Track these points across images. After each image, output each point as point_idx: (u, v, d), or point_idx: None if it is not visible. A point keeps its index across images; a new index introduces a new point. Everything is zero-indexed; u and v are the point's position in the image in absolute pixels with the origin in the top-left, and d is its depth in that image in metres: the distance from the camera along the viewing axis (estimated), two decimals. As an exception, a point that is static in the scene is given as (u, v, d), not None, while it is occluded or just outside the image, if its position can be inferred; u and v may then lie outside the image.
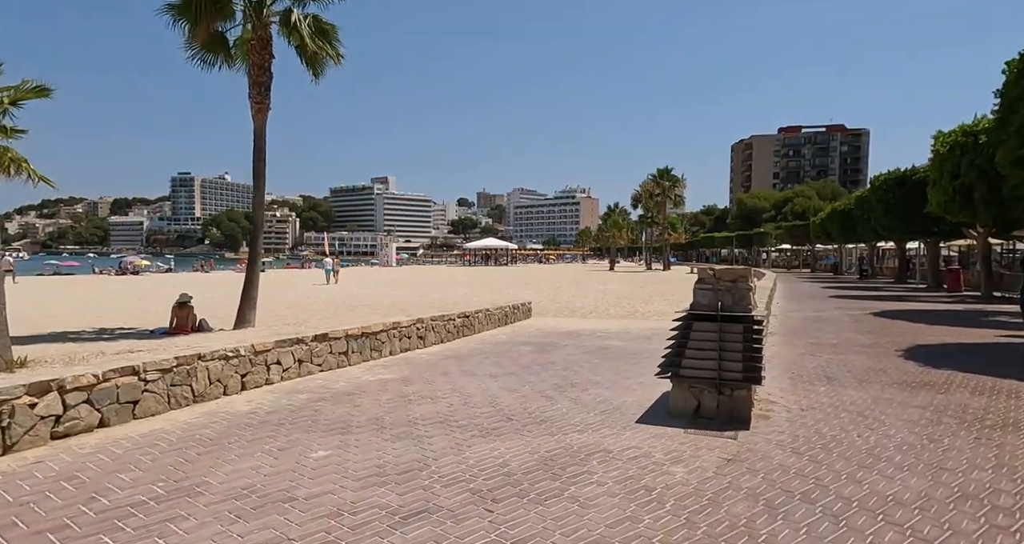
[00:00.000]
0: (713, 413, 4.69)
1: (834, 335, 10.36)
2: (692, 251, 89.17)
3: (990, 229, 17.67)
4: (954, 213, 14.78)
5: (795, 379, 6.55)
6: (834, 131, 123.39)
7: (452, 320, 9.54)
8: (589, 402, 5.26)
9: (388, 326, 7.41)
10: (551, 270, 57.97)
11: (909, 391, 5.94)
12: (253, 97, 11.48)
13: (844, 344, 9.26)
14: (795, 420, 4.77)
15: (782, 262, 61.07)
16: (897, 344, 9.23)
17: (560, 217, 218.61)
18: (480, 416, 4.58)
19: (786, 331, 10.97)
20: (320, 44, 11.57)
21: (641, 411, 4.97)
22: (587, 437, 4.16)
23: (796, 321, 12.68)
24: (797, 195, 79.44)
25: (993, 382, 6.36)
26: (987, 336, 10.20)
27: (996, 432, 4.50)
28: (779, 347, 8.99)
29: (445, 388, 5.58)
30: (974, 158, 13.45)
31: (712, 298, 4.76)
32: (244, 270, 45.59)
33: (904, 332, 10.69)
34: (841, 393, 5.83)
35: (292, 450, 3.59)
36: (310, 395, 5.04)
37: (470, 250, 77.15)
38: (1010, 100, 9.04)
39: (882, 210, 21.37)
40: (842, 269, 41.83)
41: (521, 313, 13.72)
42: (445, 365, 6.98)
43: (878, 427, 4.61)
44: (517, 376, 6.44)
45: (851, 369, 7.14)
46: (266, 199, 56.55)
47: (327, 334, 6.11)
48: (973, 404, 5.40)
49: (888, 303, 16.91)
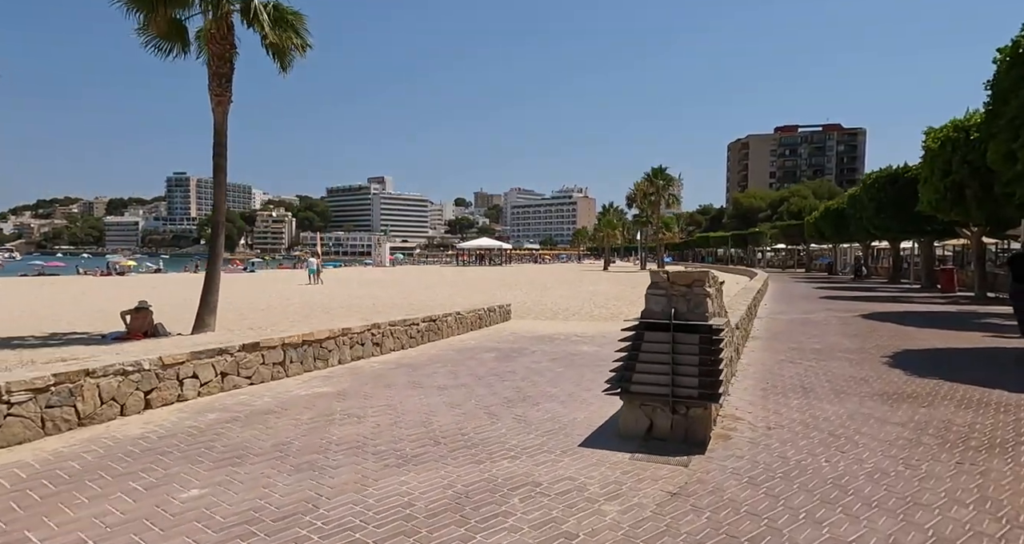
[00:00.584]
0: (667, 434, 4.20)
1: (818, 339, 9.90)
2: (688, 251, 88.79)
3: (983, 228, 17.23)
4: (946, 211, 14.31)
5: (768, 390, 6.06)
6: (830, 130, 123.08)
7: (415, 325, 9.04)
8: (535, 420, 4.77)
9: (336, 333, 6.91)
10: (545, 270, 57.49)
11: (889, 404, 5.46)
12: (213, 89, 10.97)
13: (827, 349, 8.79)
14: (758, 441, 4.29)
15: (777, 262, 60.69)
16: (883, 349, 8.76)
17: (557, 217, 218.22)
18: (405, 439, 4.09)
19: (769, 335, 10.50)
20: (283, 34, 11.07)
21: (590, 430, 4.48)
22: (518, 465, 3.67)
23: (781, 324, 12.21)
24: (793, 194, 79.06)
25: (981, 393, 5.89)
26: (978, 340, 9.75)
27: (981, 455, 4.02)
28: (759, 352, 8.52)
29: (380, 404, 5.08)
30: (966, 154, 12.97)
31: (665, 304, 4.27)
32: (235, 270, 45.00)
33: (892, 335, 10.23)
34: (815, 407, 5.35)
35: (161, 489, 3.07)
36: (222, 414, 4.53)
37: (464, 250, 76.56)
38: (1001, 91, 8.57)
39: (874, 209, 20.90)
40: (837, 269, 41.42)
41: (498, 316, 13.23)
42: (393, 376, 6.48)
43: (850, 449, 4.13)
44: (467, 388, 5.95)
45: (830, 378, 6.67)
46: (263, 199, 56.33)
47: (258, 343, 5.61)
48: (958, 420, 4.93)
49: (879, 304, 16.46)
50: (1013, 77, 8.12)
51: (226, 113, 11.15)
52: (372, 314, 15.96)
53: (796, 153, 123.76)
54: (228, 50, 10.99)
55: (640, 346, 4.27)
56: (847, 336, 10.20)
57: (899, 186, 19.45)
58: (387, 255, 74.91)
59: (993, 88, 9.19)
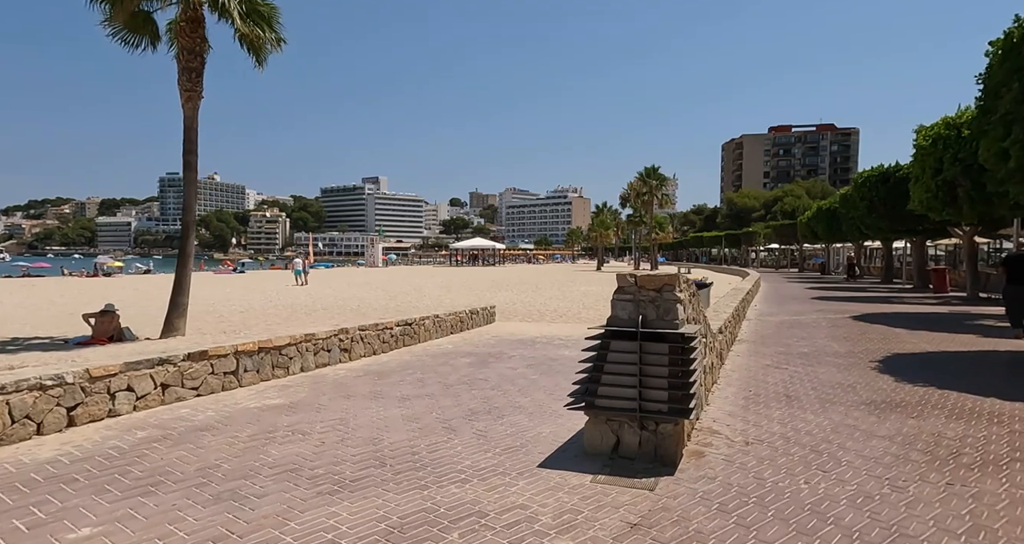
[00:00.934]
0: (634, 452, 3.87)
1: (807, 342, 9.61)
2: (682, 250, 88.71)
3: (976, 227, 17.02)
4: (937, 211, 14.05)
5: (750, 399, 5.75)
6: (824, 130, 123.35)
7: (388, 329, 8.68)
8: (497, 435, 4.43)
9: (298, 339, 6.55)
10: (538, 270, 57.18)
11: (877, 415, 5.15)
12: (183, 84, 10.57)
13: (816, 353, 8.50)
14: (734, 459, 3.96)
15: (771, 262, 60.60)
16: (873, 353, 8.47)
17: (552, 217, 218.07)
18: (348, 460, 3.73)
19: (757, 338, 10.21)
20: (255, 27, 10.69)
21: (554, 447, 4.14)
22: (467, 491, 3.33)
23: (770, 326, 11.92)
24: (787, 194, 79.03)
25: (973, 402, 5.59)
26: (970, 342, 9.47)
27: (972, 474, 3.71)
28: (744, 357, 8.21)
29: (332, 418, 4.73)
30: (957, 152, 12.70)
31: (632, 310, 3.94)
32: (225, 271, 44.29)
33: (882, 338, 9.95)
34: (798, 419, 5.03)
35: (47, 528, 2.69)
36: (153, 432, 4.17)
37: (457, 251, 76.13)
38: (994, 85, 8.26)
39: (865, 208, 20.66)
40: (829, 269, 41.29)
41: (482, 318, 12.89)
42: (356, 385, 6.13)
43: (832, 468, 3.81)
44: (432, 399, 5.60)
45: (816, 385, 6.36)
46: (256, 199, 55.77)
47: (206, 351, 5.24)
48: (948, 433, 4.62)
49: (871, 305, 16.21)
50: (1006, 70, 7.83)
51: (196, 109, 10.76)
52: (355, 316, 15.57)
53: (790, 153, 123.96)
54: (198, 44, 10.60)
55: (606, 356, 3.94)
56: (836, 339, 9.91)
57: (890, 185, 19.22)
58: (380, 255, 74.43)
59: (985, 83, 8.89)
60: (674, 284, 3.91)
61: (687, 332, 3.86)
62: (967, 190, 12.62)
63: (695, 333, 4.04)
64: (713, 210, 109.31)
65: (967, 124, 12.34)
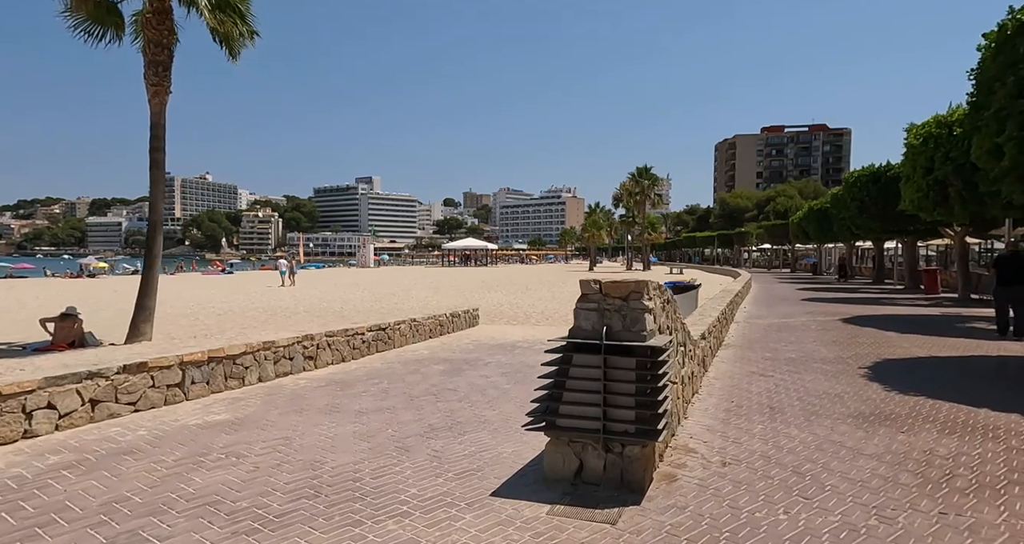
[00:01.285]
0: (599, 477, 3.52)
1: (795, 347, 9.30)
2: (676, 251, 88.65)
3: (967, 228, 16.80)
4: (928, 211, 13.79)
5: (731, 412, 5.41)
6: (816, 130, 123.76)
7: (359, 335, 8.30)
8: (453, 456, 4.07)
9: (255, 347, 6.15)
10: (530, 271, 56.82)
11: (865, 429, 4.83)
12: (149, 78, 10.13)
13: (803, 359, 8.18)
14: (708, 484, 3.62)
15: (763, 262, 60.57)
16: (862, 359, 8.17)
17: (546, 217, 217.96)
18: (279, 490, 3.35)
19: (744, 342, 9.89)
20: (224, 18, 10.27)
21: (513, 471, 3.78)
22: (404, 528, 2.96)
23: (758, 329, 11.62)
24: (779, 194, 79.10)
25: (966, 414, 5.28)
26: (961, 347, 9.20)
27: (968, 501, 3.38)
28: (729, 364, 7.89)
29: (275, 436, 4.35)
30: (949, 151, 12.44)
31: (597, 321, 3.59)
32: (214, 272, 43.68)
33: (873, 342, 9.66)
34: (781, 434, 4.70)
35: None
36: (68, 456, 3.77)
37: (450, 251, 75.66)
38: (987, 80, 7.98)
39: (856, 208, 20.43)
40: (821, 269, 41.19)
41: (464, 321, 12.53)
42: (314, 397, 5.75)
43: (815, 495, 3.47)
44: (392, 412, 5.23)
45: (803, 395, 6.04)
46: (249, 199, 55.07)
47: (146, 363, 4.85)
48: (941, 450, 4.30)
49: (861, 307, 15.96)
50: (1000, 64, 7.54)
51: (164, 104, 10.33)
52: (336, 319, 15.16)
53: (782, 153, 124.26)
54: (166, 36, 10.17)
55: (568, 371, 3.58)
56: (825, 343, 9.61)
57: (881, 185, 18.99)
58: (371, 256, 73.88)
59: (977, 78, 8.61)
60: (642, 291, 3.56)
61: (656, 344, 3.51)
62: (958, 190, 12.36)
63: (665, 345, 3.69)
64: (706, 210, 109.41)
65: (959, 122, 12.08)
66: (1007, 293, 9.88)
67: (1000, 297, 10.06)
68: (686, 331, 5.59)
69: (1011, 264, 9.95)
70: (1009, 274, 9.78)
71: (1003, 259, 10.29)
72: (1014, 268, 9.81)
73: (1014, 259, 10.10)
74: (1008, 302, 9.88)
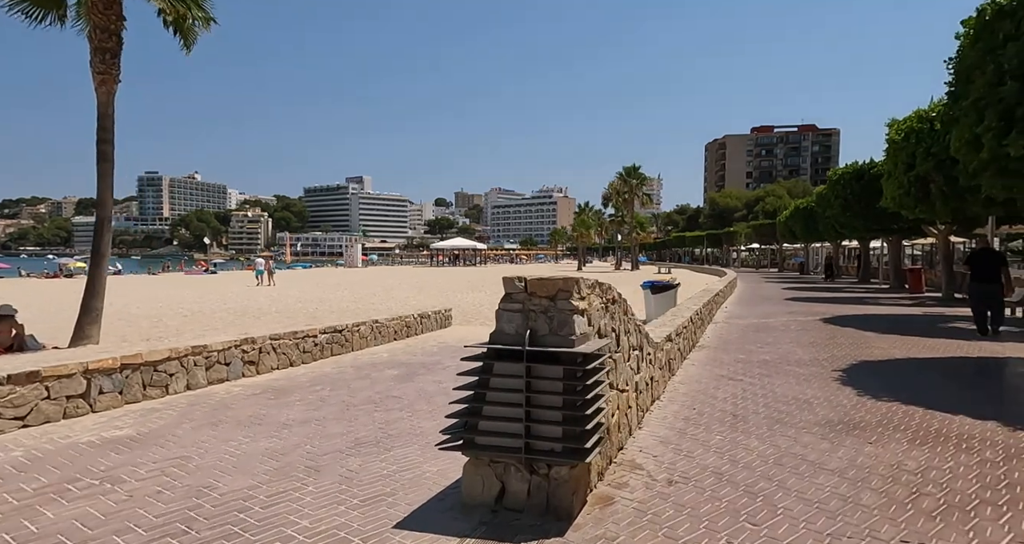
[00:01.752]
0: (522, 502, 3.11)
1: (771, 348, 8.95)
2: (665, 250, 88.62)
3: (950, 226, 16.58)
4: (910, 208, 13.52)
5: (691, 421, 5.03)
6: (806, 131, 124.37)
7: (311, 337, 7.85)
8: (368, 477, 3.64)
9: (181, 352, 5.69)
10: (519, 270, 56.40)
11: (831, 440, 4.46)
12: (95, 65, 9.58)
13: (777, 361, 7.83)
14: (648, 508, 3.22)
15: (752, 261, 60.55)
16: (838, 361, 7.83)
17: (537, 217, 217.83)
18: (143, 526, 2.89)
19: (719, 343, 9.54)
20: (178, 4, 9.78)
21: (430, 495, 3.36)
22: (279, 566, 2.53)
23: (736, 330, 11.28)
24: (768, 194, 79.18)
25: (941, 421, 4.93)
26: (940, 347, 8.88)
27: (934, 526, 3.01)
28: (699, 367, 7.52)
29: (171, 456, 3.90)
30: (930, 146, 12.15)
31: (520, 324, 3.18)
32: (198, 272, 42.95)
33: (851, 343, 9.33)
34: (740, 446, 4.32)
35: None
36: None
37: (439, 251, 75.09)
38: (965, 68, 7.65)
39: (840, 207, 20.19)
40: (809, 268, 41.11)
41: (435, 322, 12.11)
42: (240, 407, 5.30)
43: (765, 520, 3.08)
44: (320, 424, 4.80)
45: (770, 401, 5.67)
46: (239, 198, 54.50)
47: (38, 373, 4.38)
48: (910, 464, 3.93)
49: (844, 306, 15.69)
50: (978, 51, 7.21)
51: (112, 93, 9.80)
52: (308, 319, 14.69)
53: (772, 153, 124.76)
54: (113, 22, 9.64)
55: (488, 382, 3.17)
56: (802, 345, 9.27)
57: (865, 183, 18.75)
58: (359, 256, 73.25)
59: (956, 67, 8.29)
60: (571, 290, 3.16)
61: (586, 351, 3.10)
62: (939, 186, 12.08)
63: (600, 350, 3.29)
64: (696, 210, 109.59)
65: (940, 117, 11.79)
66: (981, 290, 9.69)
67: (975, 295, 9.85)
68: (643, 334, 5.21)
69: (983, 260, 9.76)
70: (982, 271, 9.59)
71: (975, 256, 10.11)
72: (986, 264, 9.61)
73: (986, 255, 9.90)
74: (983, 299, 9.68)
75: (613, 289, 4.09)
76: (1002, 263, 9.69)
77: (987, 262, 9.65)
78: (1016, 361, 7.91)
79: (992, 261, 9.67)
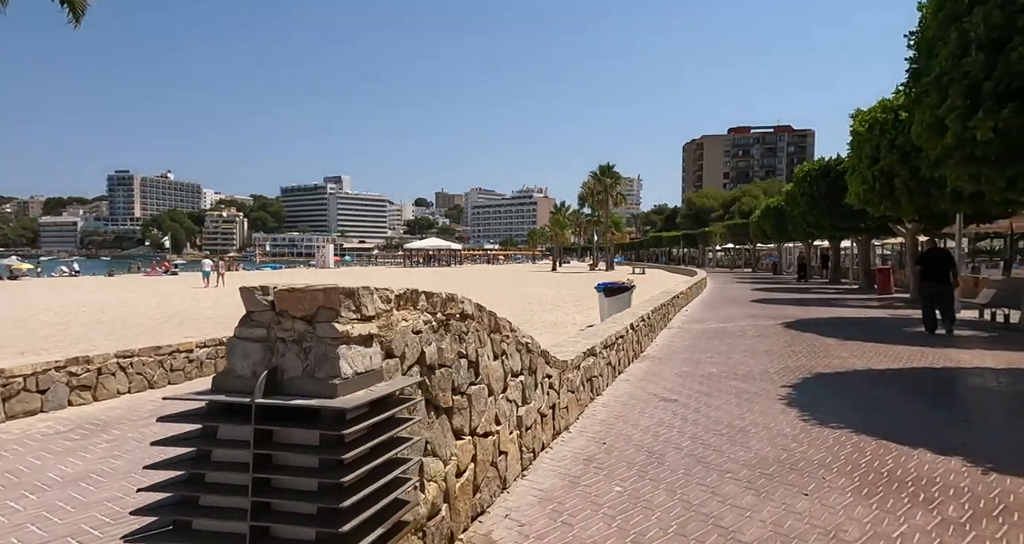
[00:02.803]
0: (262, 629, 2.04)
1: (721, 359, 8.04)
2: (644, 251, 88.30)
3: (918, 224, 15.96)
4: (875, 204, 12.76)
5: (593, 462, 4.03)
6: (781, 131, 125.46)
7: (183, 353, 6.68)
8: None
9: (-33, 380, 4.51)
10: (493, 271, 55.34)
11: (759, 490, 3.50)
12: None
13: (723, 375, 6.90)
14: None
15: (727, 262, 60.33)
16: (791, 373, 6.94)
17: (517, 217, 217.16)
18: None
19: (665, 353, 8.60)
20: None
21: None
22: None
23: (690, 336, 10.36)
24: (744, 194, 79.31)
25: (896, 458, 4.01)
26: (904, 356, 8.06)
27: None
28: (632, 383, 6.55)
29: None
30: (894, 137, 11.39)
31: (260, 359, 2.12)
32: (157, 273, 40.80)
33: (809, 351, 8.47)
34: (641, 503, 3.32)
35: None
36: None
37: (412, 251, 73.51)
38: (928, 41, 6.81)
39: (807, 204, 19.53)
40: (782, 268, 40.76)
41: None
42: (16, 454, 4.15)
43: None
44: (93, 484, 3.69)
45: (699, 431, 4.70)
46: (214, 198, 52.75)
47: None
48: (850, 529, 2.98)
49: (810, 309, 14.93)
50: (942, 21, 6.35)
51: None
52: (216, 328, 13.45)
53: (749, 154, 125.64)
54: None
55: (210, 454, 2.10)
56: (756, 354, 8.37)
57: (831, 179, 18.08)
58: (331, 256, 71.40)
59: (918, 40, 7.43)
60: (336, 307, 2.10)
61: (361, 401, 2.05)
62: (904, 180, 11.32)
63: (401, 394, 2.24)
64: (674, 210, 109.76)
65: (904, 106, 11.04)
66: (930, 289, 9.83)
67: (924, 294, 10.02)
68: (536, 353, 4.19)
69: (933, 260, 9.89)
70: (932, 271, 9.75)
71: (925, 256, 10.23)
72: (937, 264, 9.76)
73: (935, 255, 10.02)
74: (932, 298, 9.84)
75: (463, 301, 3.05)
76: (951, 264, 9.86)
77: (936, 262, 9.80)
78: (983, 372, 7.10)
79: (941, 261, 9.81)
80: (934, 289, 9.68)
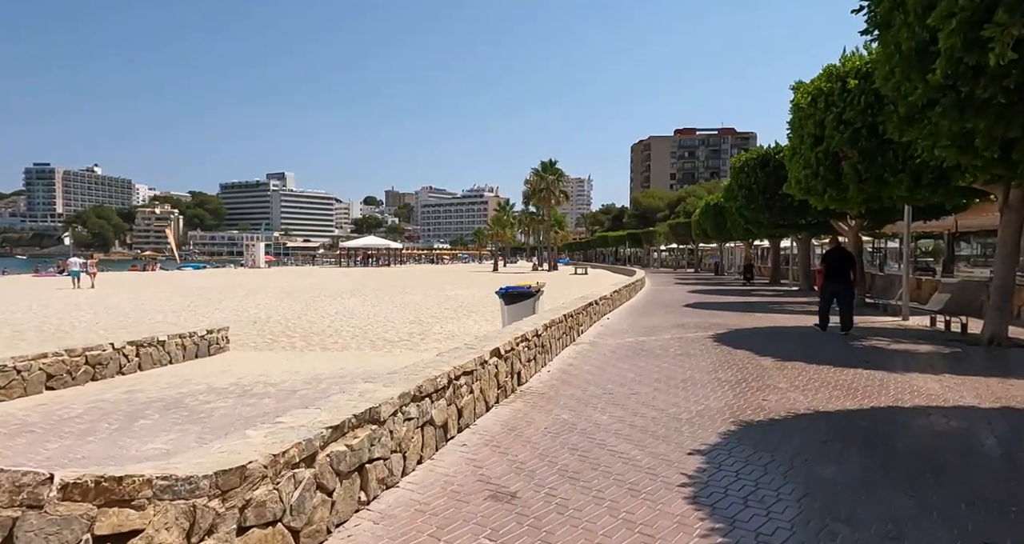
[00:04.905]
0: None
1: (624, 394, 5.87)
2: (591, 250, 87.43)
3: (861, 221, 14.48)
4: (818, 193, 10.94)
5: None
6: (725, 134, 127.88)
7: None
8: None
9: None
10: (431, 272, 52.59)
11: None
12: None
13: (610, 433, 4.68)
14: None
15: (671, 261, 59.76)
16: (709, 424, 4.79)
17: (468, 216, 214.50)
18: None
19: (554, 385, 6.34)
20: None
21: None
22: None
23: (597, 357, 8.15)
24: (689, 195, 79.56)
25: None
26: (860, 388, 6.08)
27: None
28: (464, 455, 4.21)
29: None
30: (842, 110, 9.60)
31: None
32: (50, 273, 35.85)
33: (738, 381, 6.40)
34: None
35: None
36: None
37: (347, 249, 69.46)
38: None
39: (744, 198, 17.94)
40: (723, 269, 39.89)
41: (181, 350, 8.34)
42: None
43: None
44: None
45: (559, 526, 2.38)
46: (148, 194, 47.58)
47: None
48: None
49: (748, 316, 13.12)
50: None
51: None
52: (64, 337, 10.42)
53: (694, 155, 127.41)
54: None
55: None
56: (670, 387, 6.21)
57: (770, 170, 16.53)
58: (262, 256, 66.75)
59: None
60: None
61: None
62: (853, 163, 9.55)
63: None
64: (621, 210, 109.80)
65: (853, 73, 9.28)
66: (829, 289, 9.83)
67: (823, 293, 10.01)
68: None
69: (834, 260, 9.77)
70: (832, 270, 9.71)
71: (827, 256, 10.12)
72: (838, 263, 9.69)
73: (836, 255, 9.85)
74: (832, 297, 9.82)
75: None
76: (851, 263, 9.82)
77: (837, 262, 9.72)
78: (968, 415, 5.16)
79: (842, 261, 9.73)
80: (832, 288, 9.71)
